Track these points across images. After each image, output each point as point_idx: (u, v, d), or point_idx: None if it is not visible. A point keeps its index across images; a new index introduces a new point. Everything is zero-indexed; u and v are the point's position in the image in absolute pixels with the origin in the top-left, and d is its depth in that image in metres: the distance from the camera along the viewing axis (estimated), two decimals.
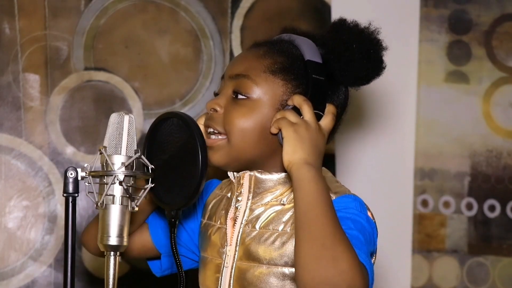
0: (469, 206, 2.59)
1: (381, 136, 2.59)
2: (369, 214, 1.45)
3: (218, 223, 1.54)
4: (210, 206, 1.59)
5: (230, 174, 1.54)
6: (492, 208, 2.60)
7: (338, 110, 1.52)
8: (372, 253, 1.45)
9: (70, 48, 2.34)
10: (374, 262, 1.48)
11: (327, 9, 2.47)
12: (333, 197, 1.44)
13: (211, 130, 1.51)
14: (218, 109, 1.50)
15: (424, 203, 2.58)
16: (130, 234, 1.60)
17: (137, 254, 1.64)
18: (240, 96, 1.49)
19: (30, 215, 2.27)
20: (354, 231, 1.38)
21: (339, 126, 1.56)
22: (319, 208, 1.34)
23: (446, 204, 2.59)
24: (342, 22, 1.51)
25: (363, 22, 1.52)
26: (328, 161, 1.56)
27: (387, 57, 1.53)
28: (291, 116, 1.43)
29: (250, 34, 2.43)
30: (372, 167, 2.58)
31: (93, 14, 2.36)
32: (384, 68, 1.52)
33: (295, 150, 1.39)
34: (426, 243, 2.57)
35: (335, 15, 2.43)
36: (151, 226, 1.64)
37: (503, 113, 2.62)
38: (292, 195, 1.39)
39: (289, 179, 1.42)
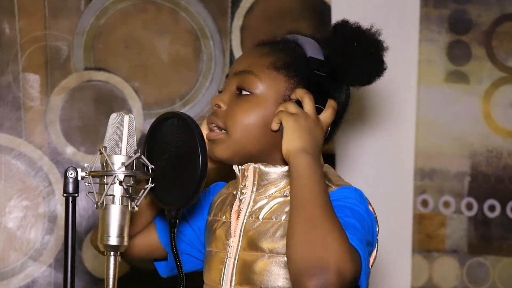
0: (469, 206, 2.59)
1: (381, 136, 2.59)
2: (370, 207, 1.47)
3: (224, 218, 1.56)
4: (216, 204, 1.61)
5: (235, 167, 1.56)
6: (492, 208, 2.60)
7: (340, 108, 1.55)
8: (371, 244, 1.46)
9: (70, 48, 2.34)
10: (375, 257, 1.49)
11: (327, 9, 2.47)
12: (334, 188, 1.47)
13: (213, 125, 1.53)
14: (222, 105, 1.53)
15: (424, 203, 2.58)
16: (136, 234, 1.62)
17: (145, 254, 1.64)
18: (244, 92, 1.52)
19: (30, 215, 2.27)
20: (351, 219, 1.39)
21: (340, 125, 1.58)
22: (311, 193, 1.36)
23: (446, 204, 2.58)
24: (344, 22, 1.54)
25: (364, 23, 1.54)
26: (328, 161, 1.57)
27: (387, 57, 1.54)
28: (291, 107, 1.46)
29: (250, 34, 2.43)
30: (372, 167, 2.58)
31: (93, 14, 2.36)
32: (384, 69, 1.54)
33: (293, 139, 1.43)
34: (426, 243, 2.57)
35: (335, 15, 2.43)
36: (159, 226, 1.64)
37: (503, 113, 2.62)
38: None
39: None
